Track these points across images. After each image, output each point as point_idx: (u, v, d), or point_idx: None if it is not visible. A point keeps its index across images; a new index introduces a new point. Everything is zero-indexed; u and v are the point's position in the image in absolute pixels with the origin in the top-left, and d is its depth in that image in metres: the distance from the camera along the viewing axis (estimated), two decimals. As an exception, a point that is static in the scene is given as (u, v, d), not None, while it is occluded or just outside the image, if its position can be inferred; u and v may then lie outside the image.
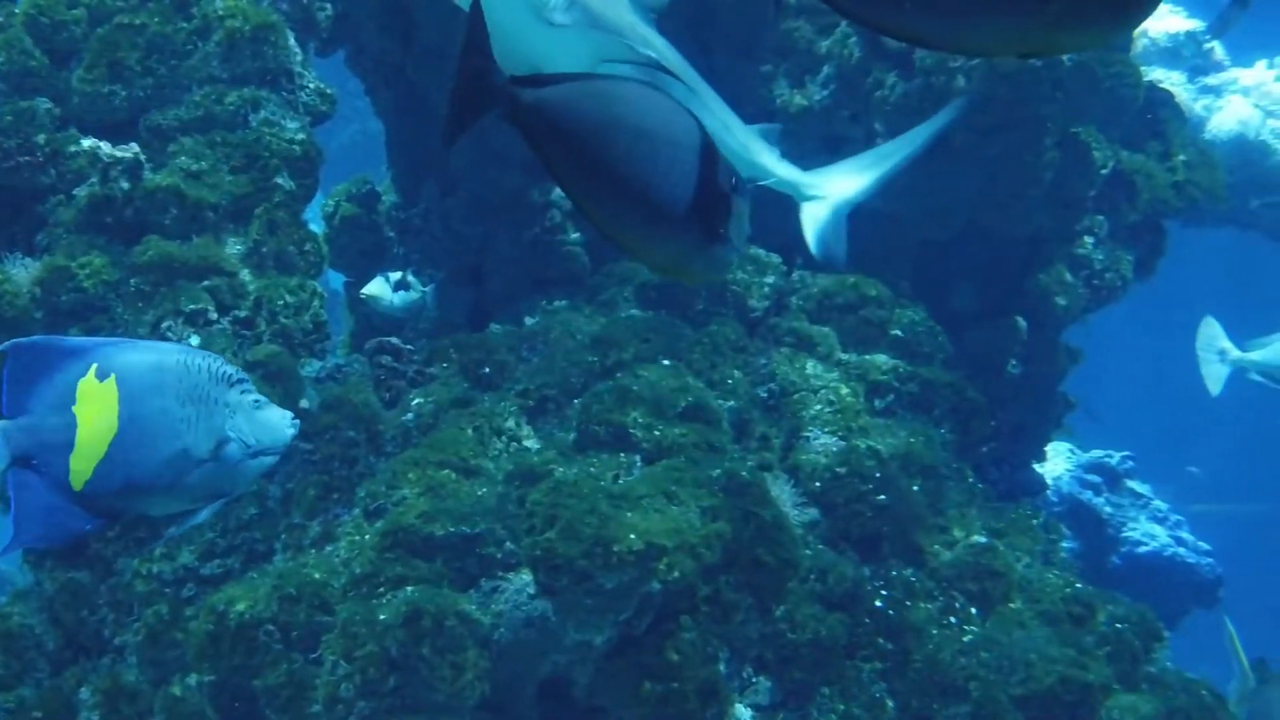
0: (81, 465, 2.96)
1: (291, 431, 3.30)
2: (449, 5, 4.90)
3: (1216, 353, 4.87)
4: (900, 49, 5.85)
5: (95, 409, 2.96)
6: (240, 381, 3.18)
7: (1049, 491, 8.22)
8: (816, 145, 6.24)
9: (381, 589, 4.49)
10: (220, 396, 3.12)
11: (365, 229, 6.79)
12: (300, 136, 5.43)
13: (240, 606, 4.51)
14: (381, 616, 4.37)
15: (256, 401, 3.20)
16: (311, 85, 5.66)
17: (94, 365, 2.98)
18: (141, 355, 3.07)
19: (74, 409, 2.96)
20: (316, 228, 5.93)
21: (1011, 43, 2.11)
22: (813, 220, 5.60)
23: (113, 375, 2.98)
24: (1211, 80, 9.98)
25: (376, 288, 6.45)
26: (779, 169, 5.58)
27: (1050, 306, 6.54)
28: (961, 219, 6.20)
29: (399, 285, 6.41)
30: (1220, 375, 4.88)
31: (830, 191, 5.64)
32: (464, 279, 6.50)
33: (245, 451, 3.19)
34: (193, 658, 4.59)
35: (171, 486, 3.10)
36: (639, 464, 4.88)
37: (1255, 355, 4.79)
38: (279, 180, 5.31)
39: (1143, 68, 8.52)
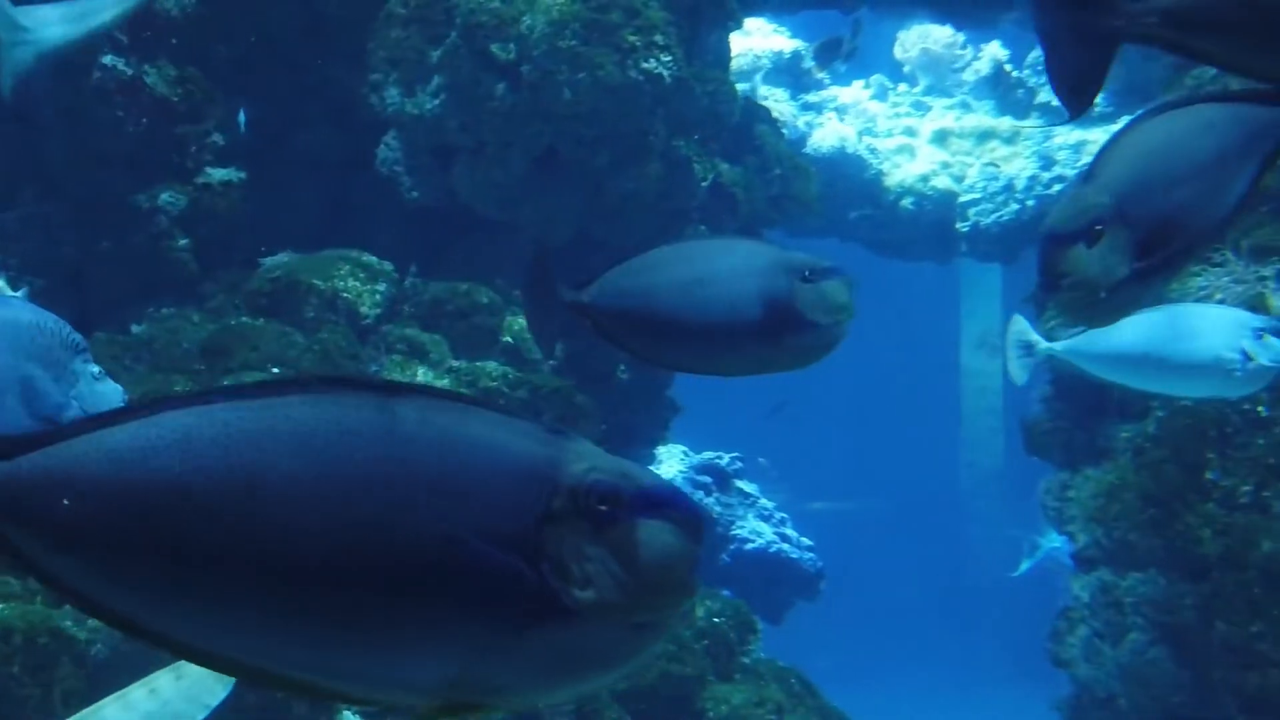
0: None
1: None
2: None
3: (1023, 346, 5.26)
4: (509, 61, 5.94)
5: None
6: (84, 350, 3.09)
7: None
8: (427, 154, 6.30)
9: (-30, 607, 4.34)
10: (68, 362, 3.03)
11: (-41, 234, 6.49)
12: (-119, 136, 5.18)
13: None
14: (-31, 636, 4.22)
15: (97, 373, 3.10)
16: (-105, 83, 5.39)
17: None
18: None
19: None
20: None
21: None
22: (10, 59, 5.35)
23: None
24: (813, 98, 10.49)
25: (-40, 296, 6.18)
26: None
27: (657, 313, 6.74)
28: (571, 228, 6.35)
29: (-14, 293, 6.15)
30: (1026, 367, 5.29)
31: (32, 38, 5.35)
32: (65, 286, 6.28)
33: None
34: None
35: None
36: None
37: (1059, 346, 5.19)
38: None
39: (747, 84, 8.91)
